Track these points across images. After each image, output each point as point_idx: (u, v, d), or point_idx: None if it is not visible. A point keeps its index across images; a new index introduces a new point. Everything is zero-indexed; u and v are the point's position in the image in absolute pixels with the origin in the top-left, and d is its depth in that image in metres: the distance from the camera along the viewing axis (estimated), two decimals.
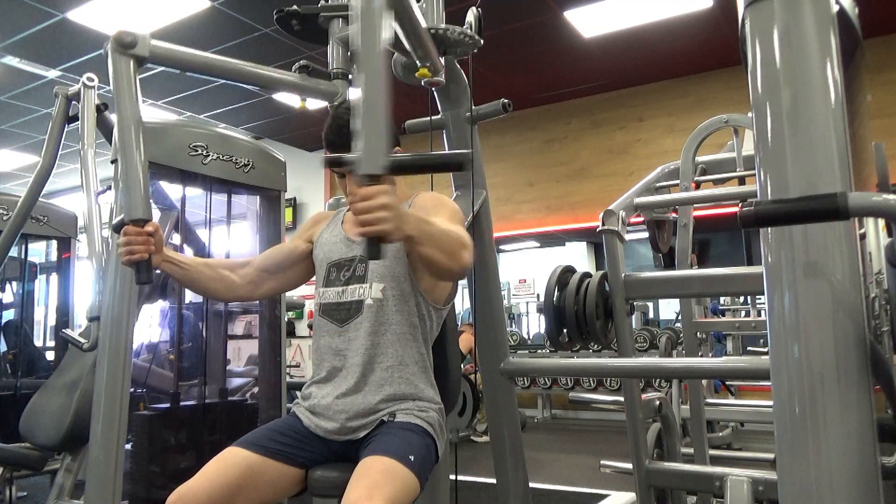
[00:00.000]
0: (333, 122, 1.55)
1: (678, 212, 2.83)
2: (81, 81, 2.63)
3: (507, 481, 1.94)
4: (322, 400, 1.50)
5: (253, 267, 1.65)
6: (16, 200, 2.92)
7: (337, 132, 1.53)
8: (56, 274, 4.18)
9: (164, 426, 2.39)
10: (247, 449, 1.42)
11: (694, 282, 2.04)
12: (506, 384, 1.94)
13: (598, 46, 5.68)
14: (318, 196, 8.24)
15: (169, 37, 4.98)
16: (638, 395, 1.93)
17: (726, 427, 4.37)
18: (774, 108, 0.74)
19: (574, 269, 2.00)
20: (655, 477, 1.88)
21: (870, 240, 1.56)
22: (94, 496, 1.95)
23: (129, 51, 1.50)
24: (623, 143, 6.72)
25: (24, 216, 2.80)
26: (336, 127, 1.53)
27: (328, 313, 1.56)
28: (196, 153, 2.32)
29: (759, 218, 0.68)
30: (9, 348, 4.02)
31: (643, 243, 3.63)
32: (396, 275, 1.52)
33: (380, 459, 1.32)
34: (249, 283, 1.64)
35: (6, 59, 5.64)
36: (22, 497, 3.61)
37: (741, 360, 2.55)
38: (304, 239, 1.71)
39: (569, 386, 6.26)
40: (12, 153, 8.22)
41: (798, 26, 0.74)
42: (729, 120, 2.82)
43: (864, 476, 0.68)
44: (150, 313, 2.96)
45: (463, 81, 1.86)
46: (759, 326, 3.08)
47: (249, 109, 7.07)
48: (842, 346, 0.70)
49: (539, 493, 3.58)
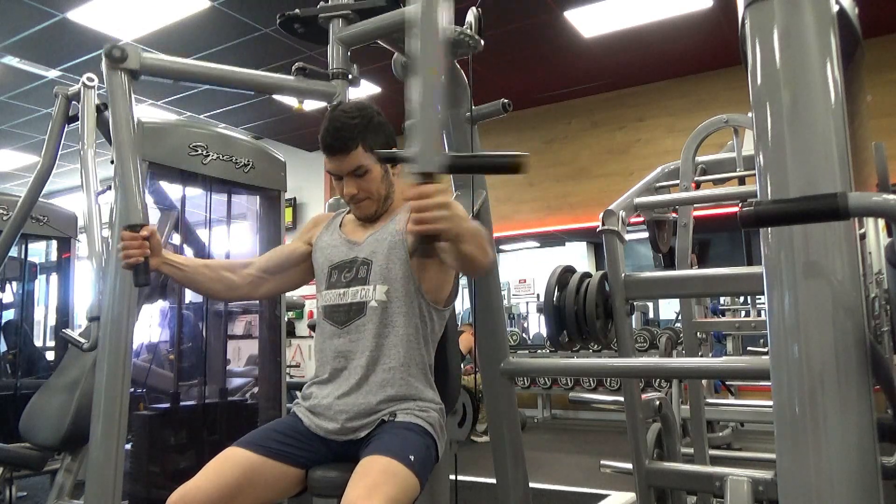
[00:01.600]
0: (330, 124, 1.52)
1: (678, 212, 2.82)
2: (81, 81, 2.62)
3: (507, 481, 1.94)
4: (323, 400, 1.50)
5: (254, 267, 1.68)
6: (16, 200, 2.92)
7: (333, 135, 1.51)
8: (56, 274, 4.18)
9: (164, 426, 2.39)
10: (247, 449, 1.42)
11: (694, 282, 2.04)
12: (506, 384, 1.94)
13: (598, 46, 5.68)
14: (318, 196, 8.24)
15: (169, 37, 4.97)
16: (638, 395, 1.93)
17: (726, 427, 4.37)
18: (774, 108, 0.74)
19: (574, 269, 2.00)
20: (655, 477, 1.88)
21: (870, 240, 1.56)
22: (94, 496, 1.95)
23: (121, 65, 1.51)
24: (623, 143, 6.72)
25: (24, 216, 2.80)
26: (332, 130, 1.51)
27: (329, 315, 1.56)
28: (196, 153, 2.32)
29: (759, 218, 0.68)
30: (9, 348, 4.02)
31: (643, 243, 3.62)
32: (400, 277, 1.52)
33: (379, 459, 1.32)
34: (250, 283, 1.67)
35: (6, 59, 5.64)
36: (22, 497, 3.61)
37: (741, 360, 2.55)
38: (303, 241, 1.72)
39: (569, 386, 6.25)
40: (12, 153, 8.22)
41: (798, 26, 0.74)
42: (729, 120, 2.81)
43: (864, 476, 0.68)
44: (150, 313, 2.96)
45: (463, 81, 1.86)
46: (759, 326, 3.08)
47: (249, 109, 7.07)
48: (842, 346, 0.69)
49: (539, 493, 3.58)
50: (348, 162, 1.52)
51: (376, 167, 1.55)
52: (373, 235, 1.58)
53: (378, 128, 1.56)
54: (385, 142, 1.57)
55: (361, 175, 1.54)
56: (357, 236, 1.62)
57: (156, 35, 5.26)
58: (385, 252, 1.54)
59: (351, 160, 1.52)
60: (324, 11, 1.75)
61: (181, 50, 5.53)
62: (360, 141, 1.51)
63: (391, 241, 1.54)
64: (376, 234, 1.58)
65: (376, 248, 1.55)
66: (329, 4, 1.75)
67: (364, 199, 1.57)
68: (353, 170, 1.53)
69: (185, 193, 2.52)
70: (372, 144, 1.53)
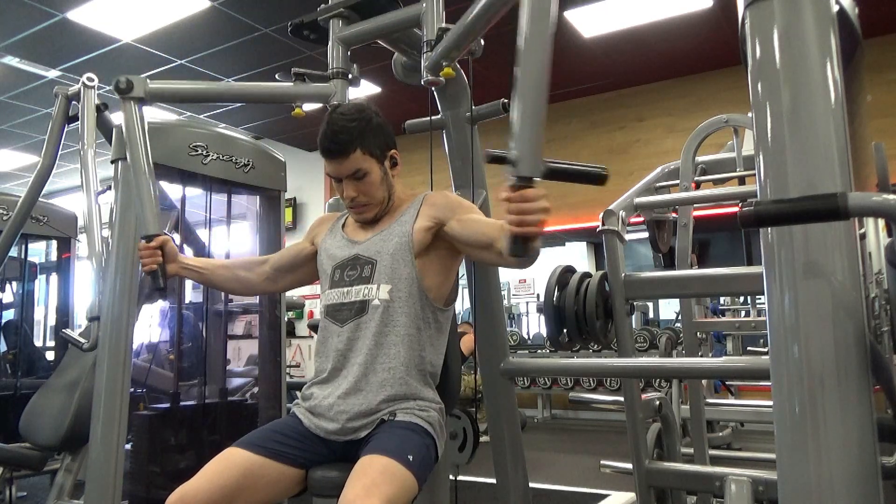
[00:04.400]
0: (328, 127, 1.52)
1: (678, 212, 2.82)
2: (81, 81, 2.63)
3: (507, 481, 1.94)
4: (323, 401, 1.50)
5: (269, 265, 1.77)
6: (16, 200, 2.92)
7: (331, 139, 1.51)
8: (56, 274, 4.18)
9: (164, 426, 2.39)
10: (247, 449, 1.42)
11: (694, 282, 2.04)
12: (506, 384, 1.94)
13: (598, 46, 5.68)
14: (318, 196, 8.24)
15: (169, 37, 4.98)
16: (638, 395, 1.93)
17: (726, 427, 4.38)
18: (774, 108, 0.74)
19: (574, 269, 2.00)
20: (655, 477, 1.88)
21: (870, 240, 1.56)
22: (94, 496, 1.96)
23: (128, 95, 1.67)
24: (623, 143, 6.72)
25: (24, 216, 2.80)
26: (330, 133, 1.51)
27: (332, 314, 1.57)
28: (196, 153, 2.32)
29: (759, 218, 0.68)
30: (9, 348, 4.02)
31: (643, 243, 3.63)
32: (405, 277, 1.52)
33: (378, 458, 1.32)
34: (266, 279, 1.77)
35: (6, 59, 5.64)
36: (22, 497, 3.61)
37: (741, 360, 2.55)
38: (308, 241, 1.76)
39: (569, 386, 6.25)
40: (12, 153, 8.22)
41: (798, 26, 0.74)
42: (729, 120, 2.81)
43: (864, 476, 0.68)
44: (150, 313, 2.96)
45: (463, 81, 1.86)
46: (759, 326, 3.08)
47: (249, 109, 7.06)
48: (842, 346, 0.69)
49: (539, 493, 3.58)
50: (347, 165, 1.52)
51: (376, 169, 1.56)
52: (378, 235, 1.58)
53: (377, 129, 1.55)
54: (384, 143, 1.57)
55: (360, 178, 1.54)
56: (361, 235, 1.62)
57: (156, 35, 5.26)
58: (391, 252, 1.54)
59: (350, 163, 1.52)
60: (323, 14, 1.75)
61: (181, 50, 5.54)
62: (358, 144, 1.51)
63: (398, 242, 1.54)
64: (381, 234, 1.58)
65: (381, 248, 1.55)
66: (329, 5, 1.75)
67: (364, 203, 1.57)
68: (352, 173, 1.53)
69: (185, 193, 2.52)
70: (371, 147, 1.54)
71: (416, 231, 1.54)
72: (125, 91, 1.66)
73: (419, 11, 1.63)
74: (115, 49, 5.47)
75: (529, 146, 1.07)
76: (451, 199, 1.60)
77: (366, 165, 1.53)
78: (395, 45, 1.82)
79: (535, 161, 1.09)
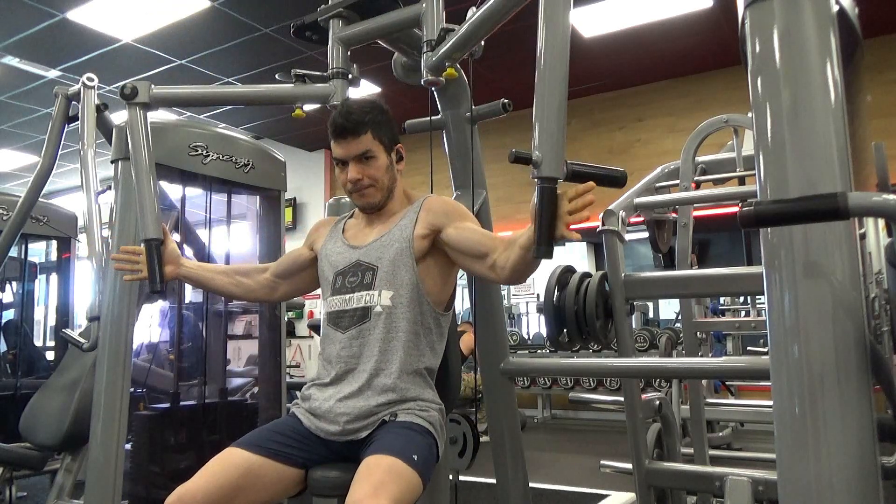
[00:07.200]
0: (343, 108, 1.55)
1: (678, 212, 2.82)
2: (81, 81, 2.63)
3: (507, 481, 1.94)
4: (323, 403, 1.50)
5: (269, 273, 1.76)
6: (16, 200, 2.92)
7: (346, 117, 1.52)
8: (56, 274, 4.18)
9: (164, 426, 2.39)
10: (246, 449, 1.42)
11: (694, 282, 2.04)
12: (506, 384, 1.94)
13: (597, 46, 5.68)
14: (318, 196, 8.23)
15: (169, 37, 4.99)
16: (638, 395, 1.93)
17: (726, 427, 4.37)
18: (774, 108, 0.74)
19: (574, 269, 2.00)
20: (655, 477, 1.88)
21: (870, 240, 1.56)
22: (94, 496, 1.96)
23: (132, 100, 1.69)
24: (623, 143, 6.71)
25: (24, 216, 2.80)
26: (345, 113, 1.53)
27: (334, 321, 1.56)
28: (196, 153, 2.32)
29: (759, 218, 0.68)
30: (9, 348, 4.02)
31: (643, 243, 3.62)
32: (406, 282, 1.52)
33: (384, 458, 1.32)
34: (265, 287, 1.76)
35: (6, 59, 5.64)
36: (22, 497, 3.61)
37: (741, 360, 2.55)
38: (307, 246, 1.75)
39: (569, 386, 6.25)
40: (12, 153, 8.22)
41: (798, 26, 0.74)
42: (729, 120, 2.81)
43: (864, 476, 0.68)
44: (150, 313, 2.96)
45: (463, 81, 1.86)
46: (759, 326, 3.08)
47: (249, 109, 7.06)
48: (842, 346, 0.69)
49: (539, 493, 3.58)
50: (357, 145, 1.53)
51: (383, 156, 1.57)
52: (378, 240, 1.58)
53: (388, 122, 1.59)
54: (392, 138, 1.60)
55: (368, 160, 1.55)
56: (361, 240, 1.62)
57: (156, 35, 5.26)
58: (391, 257, 1.53)
59: (360, 144, 1.53)
60: (323, 14, 1.75)
61: (181, 50, 5.54)
62: (370, 127, 1.54)
63: (399, 248, 1.54)
64: (381, 239, 1.58)
65: (382, 254, 1.55)
66: (329, 5, 1.75)
67: (368, 185, 1.57)
68: (361, 153, 1.54)
69: (185, 193, 2.52)
70: (381, 134, 1.56)
71: (416, 238, 1.55)
72: (130, 97, 1.67)
73: (419, 11, 1.62)
74: (115, 49, 5.47)
75: (552, 147, 1.08)
76: (448, 206, 1.59)
77: (375, 149, 1.55)
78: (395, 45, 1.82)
79: (557, 162, 1.09)
